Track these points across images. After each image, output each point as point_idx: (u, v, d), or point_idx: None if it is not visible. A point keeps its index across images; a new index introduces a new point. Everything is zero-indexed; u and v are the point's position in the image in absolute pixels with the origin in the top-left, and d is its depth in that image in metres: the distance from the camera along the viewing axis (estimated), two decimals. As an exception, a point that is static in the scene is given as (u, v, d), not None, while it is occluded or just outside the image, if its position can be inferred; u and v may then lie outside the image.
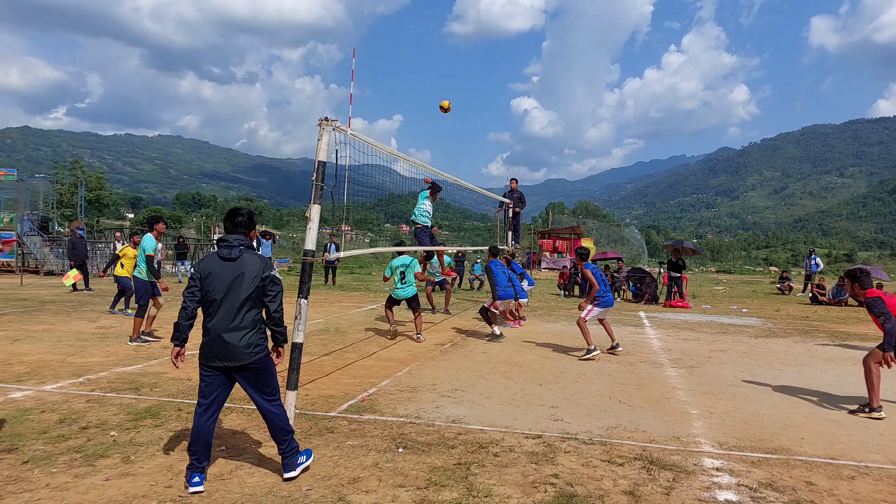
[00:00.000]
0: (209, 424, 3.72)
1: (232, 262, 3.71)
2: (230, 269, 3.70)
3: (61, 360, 7.23)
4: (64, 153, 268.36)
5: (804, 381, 7.21)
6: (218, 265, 3.72)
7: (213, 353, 3.67)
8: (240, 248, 3.76)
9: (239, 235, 3.84)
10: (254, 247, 3.93)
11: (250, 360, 3.67)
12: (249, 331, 3.69)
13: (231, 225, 3.88)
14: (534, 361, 8.01)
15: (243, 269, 3.70)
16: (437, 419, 5.20)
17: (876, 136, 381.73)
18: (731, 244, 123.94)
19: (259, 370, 3.74)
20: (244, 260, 3.73)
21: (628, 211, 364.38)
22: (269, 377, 3.81)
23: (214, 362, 3.68)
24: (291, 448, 3.82)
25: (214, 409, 3.75)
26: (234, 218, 3.90)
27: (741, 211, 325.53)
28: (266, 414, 3.80)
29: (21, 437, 4.42)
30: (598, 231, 35.64)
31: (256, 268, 3.72)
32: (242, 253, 3.75)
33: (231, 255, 3.72)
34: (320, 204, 4.88)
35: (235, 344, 3.63)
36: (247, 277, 3.68)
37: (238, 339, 3.65)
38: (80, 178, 37.60)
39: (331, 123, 4.99)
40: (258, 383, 3.77)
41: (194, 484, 3.58)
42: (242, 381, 3.76)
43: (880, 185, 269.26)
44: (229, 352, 3.64)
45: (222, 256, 3.73)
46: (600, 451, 4.50)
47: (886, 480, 4.09)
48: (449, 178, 11.55)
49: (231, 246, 3.75)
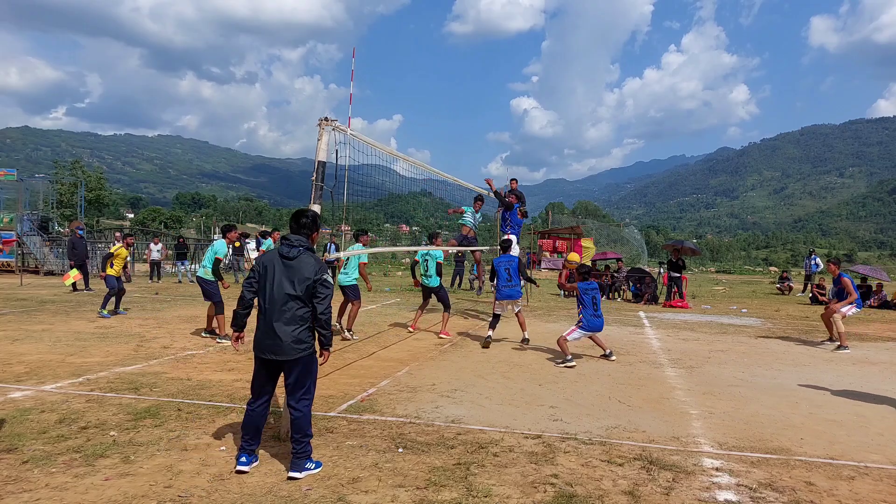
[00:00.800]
0: (261, 411, 4.02)
1: (290, 261, 3.93)
2: (288, 267, 3.93)
3: (61, 360, 7.22)
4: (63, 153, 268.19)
5: (804, 382, 7.21)
6: (277, 262, 3.95)
7: (263, 345, 3.92)
8: (299, 248, 3.98)
9: (301, 237, 4.06)
10: (313, 249, 4.15)
11: (296, 356, 3.87)
12: (297, 327, 3.89)
13: (296, 225, 4.13)
14: (533, 361, 8.01)
15: (300, 268, 3.91)
16: (436, 419, 5.20)
17: (876, 136, 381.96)
18: (731, 244, 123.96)
19: (301, 368, 3.92)
20: (301, 260, 3.93)
21: (628, 211, 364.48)
22: (307, 376, 3.97)
23: (265, 354, 3.91)
24: (304, 451, 3.91)
25: (265, 398, 4.03)
26: (300, 219, 4.14)
27: (741, 211, 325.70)
28: (291, 412, 3.96)
29: (20, 437, 4.41)
30: (598, 231, 35.64)
31: (311, 269, 3.91)
32: (301, 253, 3.96)
33: (290, 254, 3.94)
34: (320, 204, 4.89)
35: (284, 338, 3.85)
36: (301, 277, 3.89)
37: (286, 333, 3.85)
38: (80, 178, 37.60)
39: (330, 123, 4.99)
40: (296, 380, 3.94)
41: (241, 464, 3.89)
42: (285, 375, 3.96)
43: (880, 185, 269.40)
44: (278, 346, 3.86)
45: (282, 254, 3.96)
46: (600, 451, 4.50)
47: (886, 481, 4.09)
48: (448, 178, 11.56)
49: (292, 245, 3.98)
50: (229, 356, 7.76)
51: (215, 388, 6.04)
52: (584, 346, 9.08)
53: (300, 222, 4.12)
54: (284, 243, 4.01)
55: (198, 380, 6.40)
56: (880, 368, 8.16)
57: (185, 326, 10.19)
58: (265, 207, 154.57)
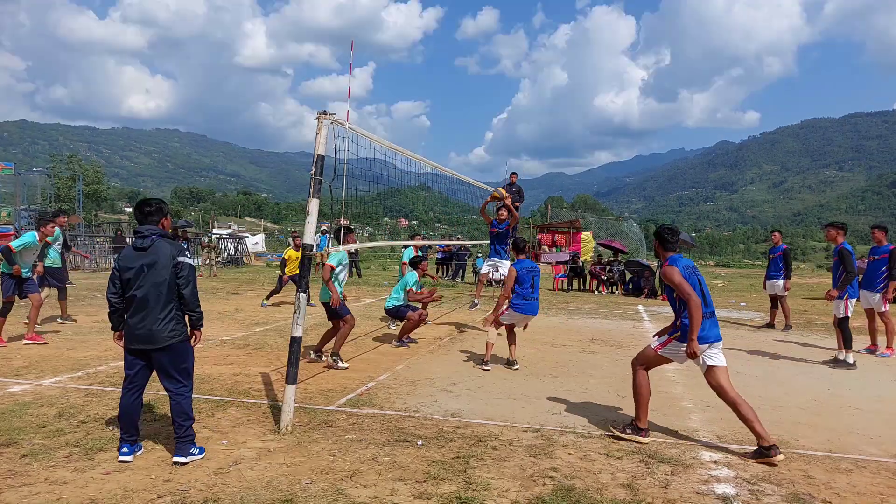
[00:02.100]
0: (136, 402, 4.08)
1: (145, 251, 3.94)
2: (146, 256, 3.94)
3: (59, 354, 7.22)
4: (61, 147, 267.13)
5: (802, 375, 7.22)
6: (133, 255, 3.97)
7: (133, 336, 3.95)
8: (152, 237, 3.98)
9: (150, 225, 4.04)
10: (167, 234, 4.11)
11: (166, 343, 3.93)
12: (168, 314, 3.94)
13: (141, 215, 4.07)
14: (532, 355, 8.02)
15: (157, 254, 3.94)
16: (435, 413, 5.21)
17: (875, 129, 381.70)
18: (730, 238, 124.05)
19: (174, 354, 4.00)
20: (157, 247, 3.96)
21: (627, 205, 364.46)
22: (182, 362, 4.06)
23: (135, 345, 3.96)
24: (188, 435, 4.00)
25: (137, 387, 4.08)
26: (143, 209, 4.08)
27: (740, 205, 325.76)
28: (171, 397, 4.06)
29: (20, 431, 4.41)
30: (597, 225, 35.63)
31: (168, 253, 3.95)
32: (155, 241, 3.97)
33: (144, 244, 3.95)
34: (319, 198, 4.87)
35: (155, 327, 3.92)
36: (161, 263, 3.92)
37: (157, 322, 3.93)
38: (78, 171, 37.52)
39: (329, 117, 4.97)
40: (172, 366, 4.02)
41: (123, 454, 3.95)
42: (157, 363, 4.02)
43: (879, 178, 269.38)
44: (150, 335, 3.91)
45: (136, 247, 3.97)
46: (598, 445, 4.51)
47: (884, 473, 4.10)
48: (447, 172, 11.53)
49: (144, 236, 3.98)
50: (228, 350, 7.76)
51: (214, 382, 6.04)
52: (584, 347, 9.10)
53: (144, 211, 4.07)
54: (137, 235, 4.02)
55: (197, 373, 6.36)
56: (877, 362, 8.17)
57: (184, 320, 10.18)
58: (264, 201, 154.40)
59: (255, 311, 11.74)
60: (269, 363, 7.04)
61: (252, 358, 7.34)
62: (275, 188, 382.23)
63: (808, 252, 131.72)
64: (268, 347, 8.02)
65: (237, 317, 10.90)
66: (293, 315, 4.76)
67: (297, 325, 4.75)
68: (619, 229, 35.11)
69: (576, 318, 12.16)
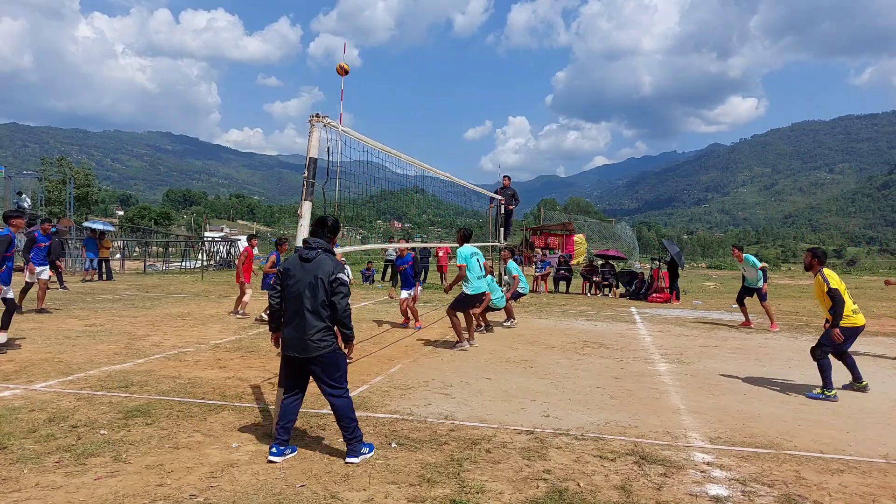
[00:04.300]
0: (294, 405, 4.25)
1: (308, 263, 4.13)
2: (307, 269, 4.13)
3: (50, 358, 7.16)
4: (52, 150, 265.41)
5: (794, 376, 7.26)
6: (297, 265, 4.18)
7: (289, 343, 4.13)
8: (317, 250, 4.18)
9: (320, 239, 4.28)
10: (332, 250, 4.30)
11: (317, 353, 4.06)
12: (320, 325, 4.08)
13: (317, 229, 4.37)
14: (526, 357, 8.02)
15: (317, 268, 4.11)
16: (429, 416, 5.20)
17: (865, 132, 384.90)
18: (722, 240, 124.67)
19: (326, 363, 4.12)
20: (319, 261, 4.13)
21: (619, 207, 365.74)
22: (335, 370, 4.18)
23: (290, 352, 4.13)
24: (355, 436, 4.11)
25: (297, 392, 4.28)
26: (321, 224, 4.37)
27: (731, 207, 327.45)
28: (330, 402, 4.21)
29: (10, 436, 4.37)
30: (590, 227, 35.71)
31: (328, 269, 4.10)
32: (319, 255, 4.16)
33: (309, 255, 4.15)
34: (311, 200, 4.87)
35: (308, 336, 4.07)
36: (319, 276, 4.08)
37: (310, 332, 4.08)
38: (68, 174, 37.31)
39: (321, 120, 4.96)
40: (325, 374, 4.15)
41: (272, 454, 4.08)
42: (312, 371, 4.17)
43: (869, 180, 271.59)
44: (303, 344, 4.07)
45: (302, 257, 4.16)
46: (592, 447, 4.51)
47: (875, 474, 4.13)
48: (441, 175, 11.53)
49: (311, 248, 4.19)
50: (221, 354, 7.73)
51: (207, 386, 6.01)
52: (578, 349, 9.12)
53: (318, 225, 4.37)
54: (305, 246, 4.22)
55: (189, 377, 6.37)
56: (865, 360, 8.23)
57: (175, 324, 10.14)
58: (257, 204, 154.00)
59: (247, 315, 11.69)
60: (261, 367, 7.01)
61: (245, 361, 7.31)
62: (267, 191, 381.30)
63: (800, 254, 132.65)
64: (261, 351, 7.99)
65: (230, 320, 10.85)
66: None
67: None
68: (612, 232, 35.21)
69: (569, 320, 12.19)
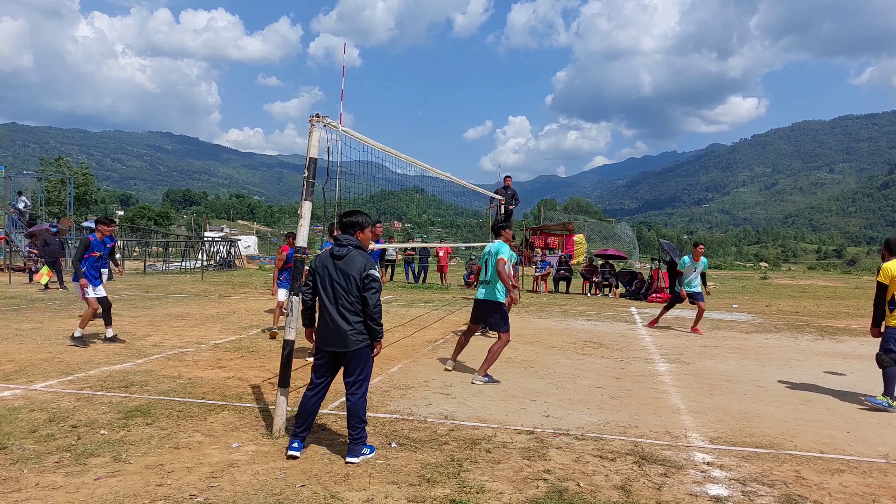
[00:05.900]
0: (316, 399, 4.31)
1: (340, 259, 4.19)
2: (339, 265, 4.19)
3: (50, 358, 7.16)
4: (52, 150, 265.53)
5: (794, 376, 7.26)
6: (329, 261, 4.22)
7: (326, 338, 4.20)
8: (348, 247, 4.22)
9: (349, 236, 4.30)
10: (363, 247, 4.33)
11: (354, 347, 4.13)
12: (355, 320, 4.16)
13: (345, 225, 4.37)
14: (526, 357, 8.02)
15: (349, 265, 4.16)
16: (429, 416, 5.20)
17: (865, 132, 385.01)
18: (722, 240, 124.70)
19: (358, 358, 4.18)
20: (351, 257, 4.18)
21: (619, 207, 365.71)
22: (364, 366, 4.23)
23: (328, 347, 4.19)
24: (360, 437, 4.15)
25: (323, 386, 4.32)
26: (346, 219, 4.37)
27: (732, 207, 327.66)
28: (348, 398, 4.24)
29: (10, 437, 4.37)
30: (590, 227, 35.74)
31: (360, 265, 4.16)
32: (350, 251, 4.20)
33: (340, 252, 4.19)
34: (311, 201, 4.86)
35: (344, 330, 4.14)
36: (351, 273, 4.14)
37: (346, 326, 4.14)
38: (68, 174, 37.32)
39: (321, 120, 4.96)
40: (354, 369, 4.21)
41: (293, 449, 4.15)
42: (345, 365, 4.23)
43: (869, 180, 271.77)
44: (340, 338, 4.14)
45: (333, 254, 4.21)
46: (592, 447, 4.51)
47: (875, 474, 4.13)
48: (441, 175, 11.53)
49: (342, 245, 4.23)
50: (221, 354, 7.73)
51: (207, 386, 6.01)
52: (578, 349, 9.11)
53: (345, 222, 4.37)
54: (336, 243, 4.27)
55: (189, 377, 6.37)
56: (864, 363, 8.23)
57: (175, 324, 10.14)
58: (257, 204, 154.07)
59: (247, 315, 11.70)
60: (262, 367, 7.01)
61: (245, 361, 7.31)
62: (267, 191, 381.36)
63: (800, 254, 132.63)
64: (261, 351, 7.99)
65: (230, 320, 10.86)
66: (286, 318, 4.74)
67: (291, 329, 4.73)
68: (612, 232, 35.23)
69: (569, 320, 12.19)
